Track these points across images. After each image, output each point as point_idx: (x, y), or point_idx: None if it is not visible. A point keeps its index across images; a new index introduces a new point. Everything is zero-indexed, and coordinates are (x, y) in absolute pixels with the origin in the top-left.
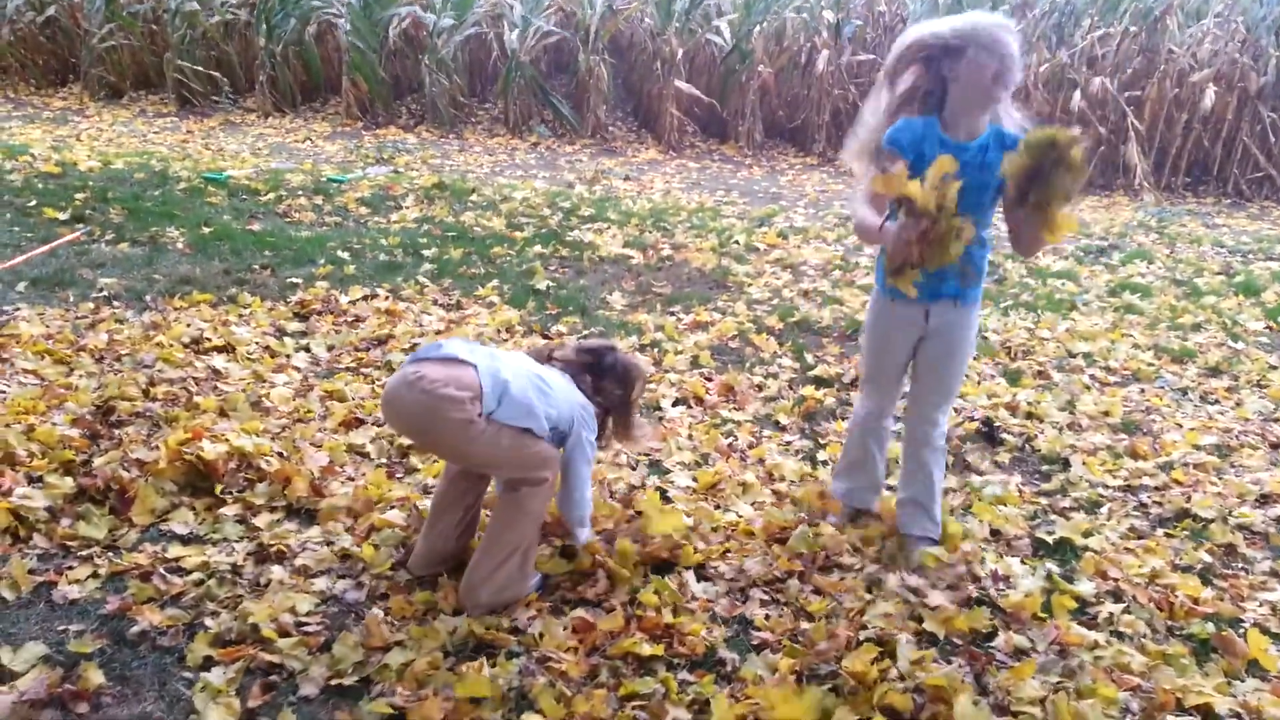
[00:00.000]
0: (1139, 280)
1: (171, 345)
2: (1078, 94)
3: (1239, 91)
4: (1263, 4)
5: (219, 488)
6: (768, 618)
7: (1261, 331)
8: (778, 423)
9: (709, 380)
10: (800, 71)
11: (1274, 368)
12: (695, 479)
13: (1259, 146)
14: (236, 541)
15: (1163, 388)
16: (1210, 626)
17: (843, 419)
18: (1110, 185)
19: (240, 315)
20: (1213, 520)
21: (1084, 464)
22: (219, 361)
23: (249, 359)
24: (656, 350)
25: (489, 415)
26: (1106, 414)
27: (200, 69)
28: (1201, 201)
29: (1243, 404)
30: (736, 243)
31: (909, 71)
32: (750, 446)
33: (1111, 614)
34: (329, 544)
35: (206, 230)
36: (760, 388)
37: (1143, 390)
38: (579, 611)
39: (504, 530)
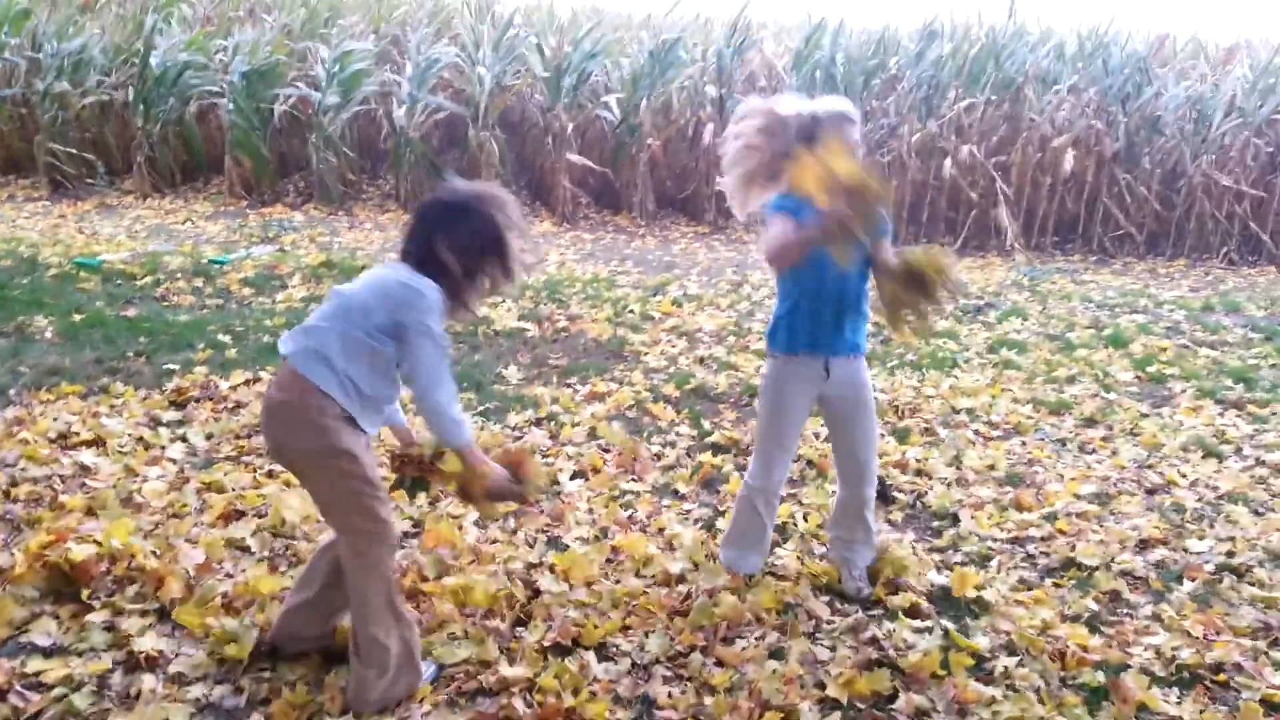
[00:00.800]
0: (1015, 336)
1: (36, 441)
2: (948, 161)
3: (1096, 155)
4: (1109, 73)
5: (86, 592)
6: (670, 695)
7: (1131, 381)
8: (676, 491)
9: (606, 451)
10: (688, 144)
11: (1145, 416)
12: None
13: (1118, 206)
14: (104, 650)
15: (1042, 439)
16: (1100, 675)
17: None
18: (984, 247)
19: (112, 406)
20: (1097, 568)
21: (973, 518)
22: (88, 456)
23: (120, 452)
24: (554, 423)
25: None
26: (992, 467)
27: (74, 151)
28: (1069, 259)
29: (1118, 452)
30: (632, 312)
31: (759, 142)
32: (650, 517)
33: (1007, 668)
34: (212, 653)
35: (78, 318)
36: (659, 457)
37: (1024, 443)
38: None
39: (363, 619)
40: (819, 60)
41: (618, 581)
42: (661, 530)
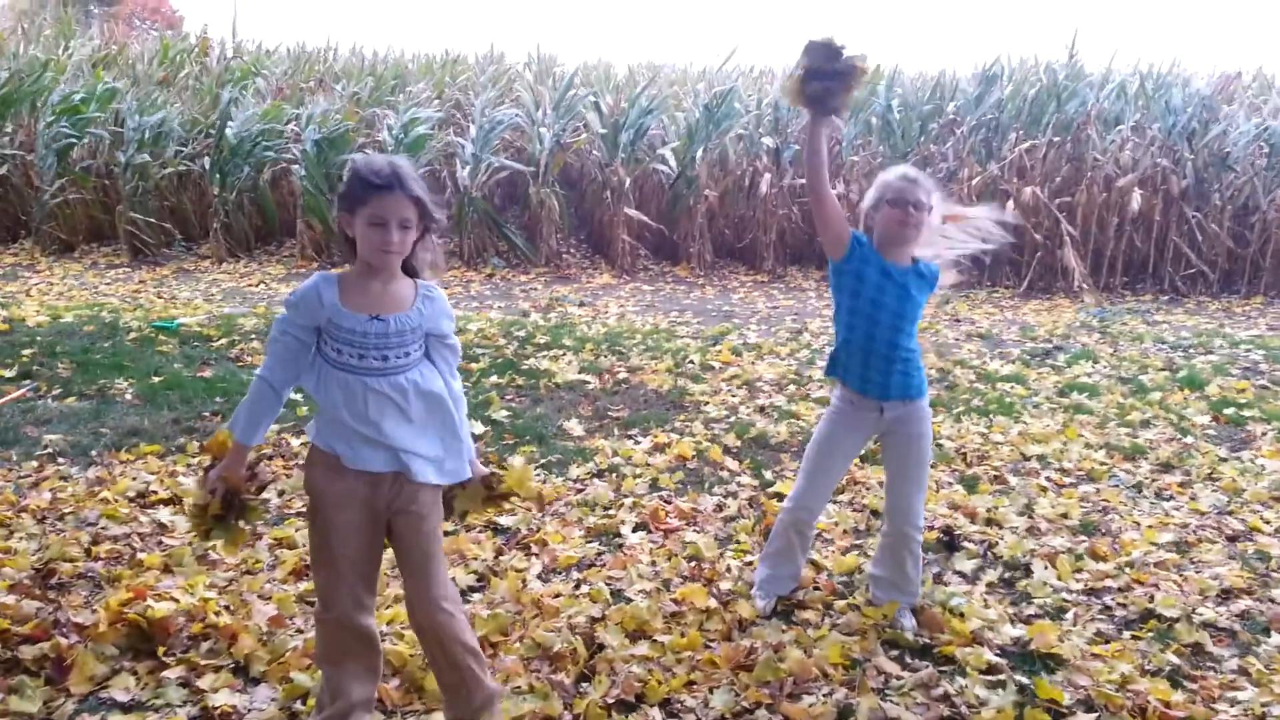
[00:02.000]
0: (1086, 380)
1: (116, 501)
2: (1011, 203)
3: (1163, 194)
4: (1172, 112)
5: (162, 649)
6: None
7: (1209, 425)
8: (739, 542)
9: (668, 503)
10: (745, 194)
11: (1224, 460)
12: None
13: (1189, 244)
14: (180, 706)
15: (1117, 486)
16: None
17: None
18: (1050, 288)
19: (189, 465)
20: (1177, 619)
21: (1046, 568)
22: (165, 515)
23: None
24: (615, 475)
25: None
26: (1065, 516)
27: (153, 220)
28: (1140, 299)
29: (1197, 498)
30: (692, 362)
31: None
32: (712, 568)
33: None
34: (284, 708)
35: (156, 380)
36: (720, 507)
37: (1098, 490)
38: None
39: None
40: (874, 107)
41: (682, 635)
42: (713, 580)
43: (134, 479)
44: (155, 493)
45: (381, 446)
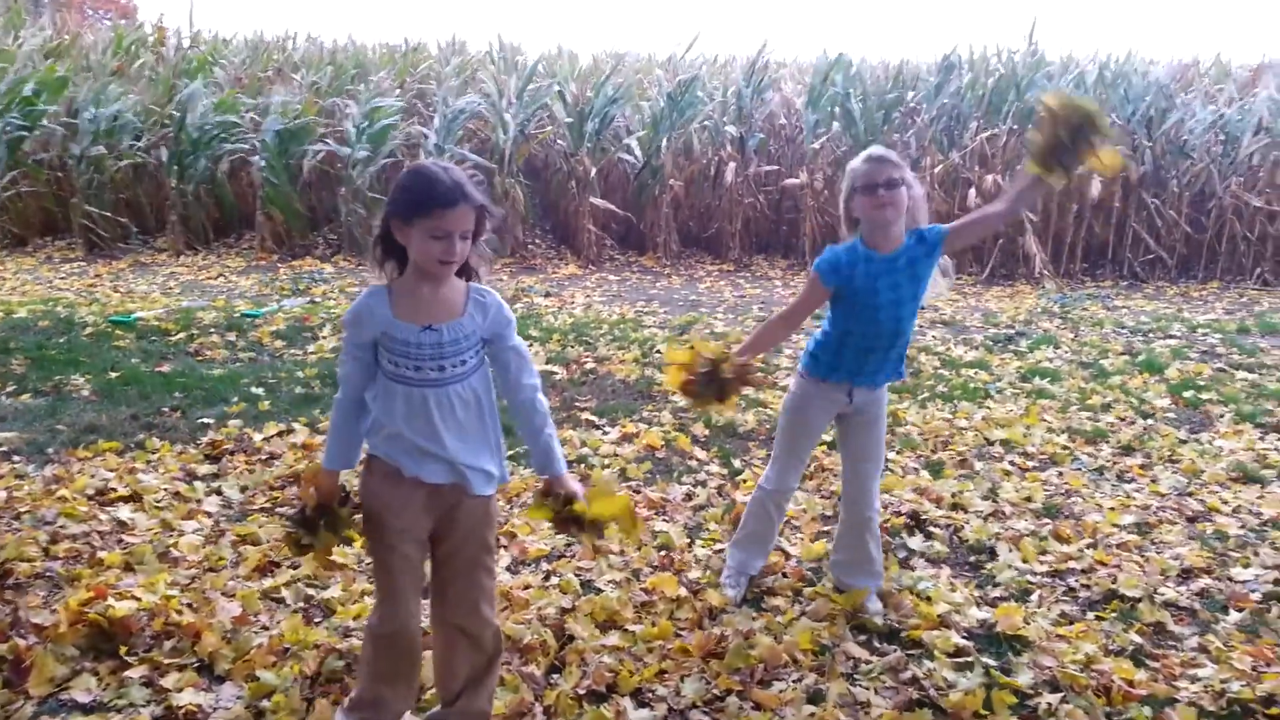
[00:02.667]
0: (1048, 365)
1: (75, 498)
2: (973, 191)
3: (1122, 181)
4: (1130, 100)
5: (124, 648)
6: None
7: (1168, 407)
8: (709, 531)
9: (637, 493)
10: (710, 183)
11: (1183, 442)
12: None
13: (1147, 230)
14: (143, 706)
15: (1080, 469)
16: (1147, 710)
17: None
18: (1012, 275)
19: (148, 461)
20: (1139, 599)
21: (1011, 551)
22: (125, 512)
23: (157, 507)
24: (584, 465)
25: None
26: (1028, 499)
27: (108, 213)
28: (1100, 285)
29: (1157, 480)
30: (659, 352)
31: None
32: (682, 557)
33: (1051, 705)
34: (249, 707)
35: (113, 375)
36: (689, 496)
37: (1061, 473)
38: None
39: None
40: (835, 96)
41: (652, 624)
42: (682, 570)
43: (92, 476)
44: (114, 490)
45: (442, 460)
